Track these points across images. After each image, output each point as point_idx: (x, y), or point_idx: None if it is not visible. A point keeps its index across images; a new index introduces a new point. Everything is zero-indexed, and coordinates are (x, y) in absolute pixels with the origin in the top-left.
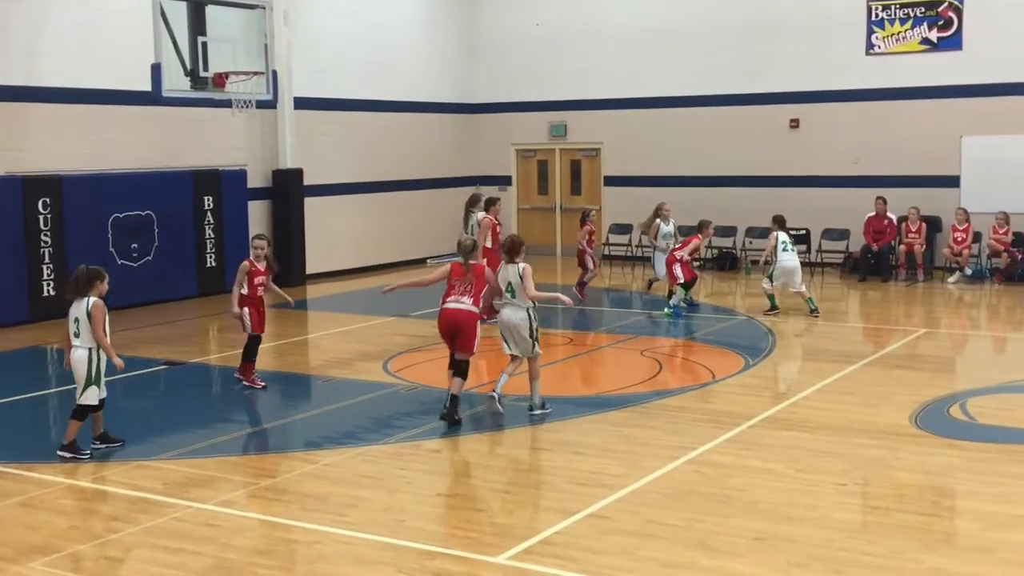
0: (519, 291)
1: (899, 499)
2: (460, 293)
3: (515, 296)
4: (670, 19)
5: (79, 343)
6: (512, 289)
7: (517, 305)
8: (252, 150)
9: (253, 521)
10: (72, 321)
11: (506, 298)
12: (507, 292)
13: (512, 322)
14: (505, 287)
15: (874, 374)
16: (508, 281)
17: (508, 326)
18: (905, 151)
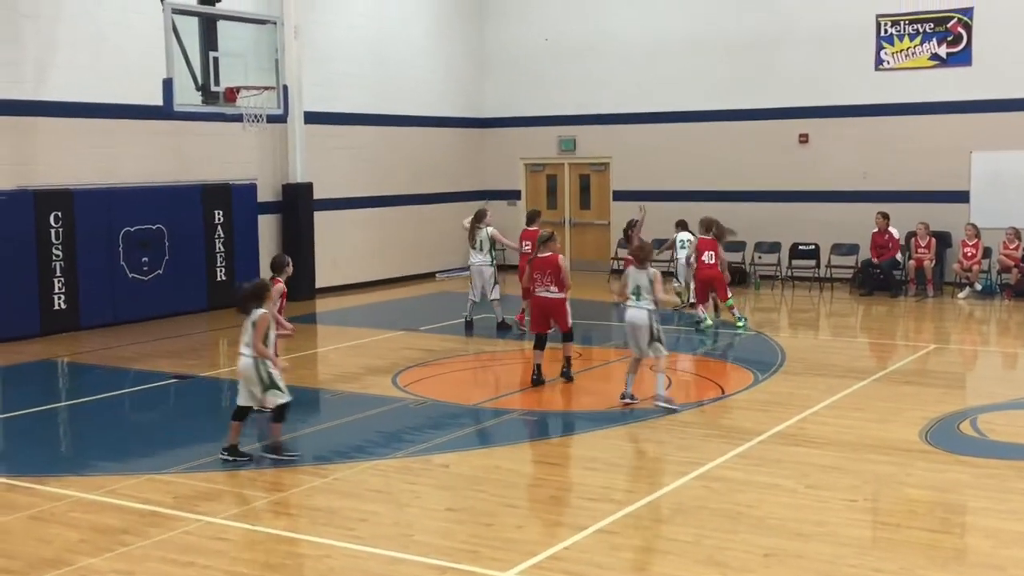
0: (646, 293)
1: (909, 515)
2: (546, 283)
3: (640, 299)
4: (680, 34)
5: (245, 351)
6: (639, 291)
7: (641, 307)
8: (262, 164)
9: (263, 535)
10: (244, 330)
11: (631, 300)
12: (632, 294)
13: (635, 322)
14: (632, 289)
15: (884, 390)
16: (637, 284)
17: (632, 326)
18: (915, 166)
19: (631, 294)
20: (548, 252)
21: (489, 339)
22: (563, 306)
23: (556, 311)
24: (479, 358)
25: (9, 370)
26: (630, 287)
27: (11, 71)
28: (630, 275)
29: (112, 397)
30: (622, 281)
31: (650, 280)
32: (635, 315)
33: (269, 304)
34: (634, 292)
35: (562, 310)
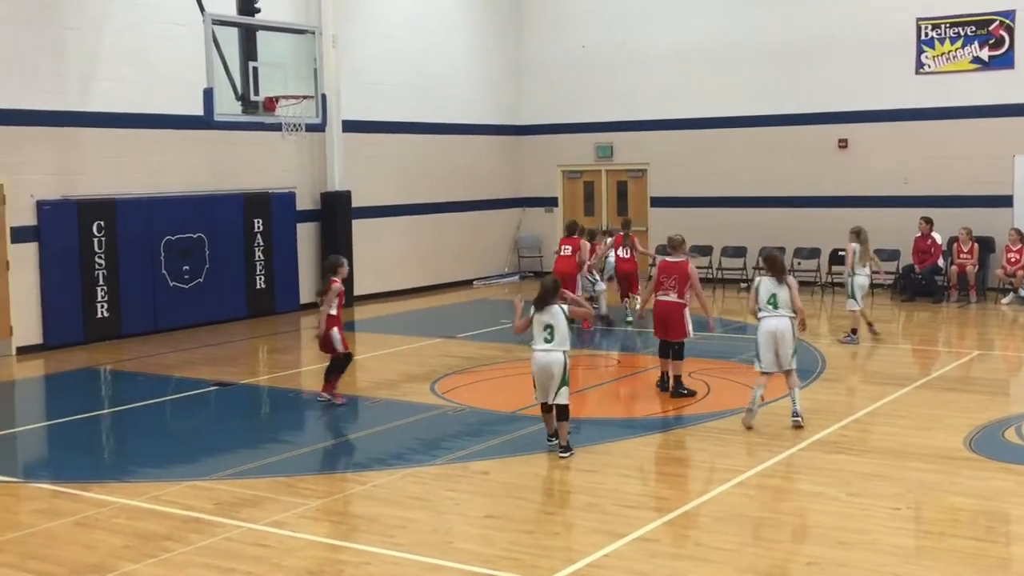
0: (784, 304)
1: (953, 524)
2: (667, 288)
3: (777, 308)
4: (717, 39)
5: (553, 347)
6: (775, 302)
7: (782, 315)
8: (301, 173)
9: (303, 542)
10: (544, 328)
11: (768, 310)
12: (769, 304)
13: (780, 331)
14: (768, 299)
15: (927, 396)
16: (773, 293)
17: (777, 334)
18: (957, 171)
19: (767, 304)
20: (680, 257)
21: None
22: (682, 313)
23: (674, 317)
24: (518, 365)
25: (54, 378)
26: (764, 297)
27: (56, 82)
28: (763, 286)
29: (154, 404)
30: (752, 294)
31: (790, 288)
32: (779, 324)
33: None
34: (770, 302)
35: (681, 316)
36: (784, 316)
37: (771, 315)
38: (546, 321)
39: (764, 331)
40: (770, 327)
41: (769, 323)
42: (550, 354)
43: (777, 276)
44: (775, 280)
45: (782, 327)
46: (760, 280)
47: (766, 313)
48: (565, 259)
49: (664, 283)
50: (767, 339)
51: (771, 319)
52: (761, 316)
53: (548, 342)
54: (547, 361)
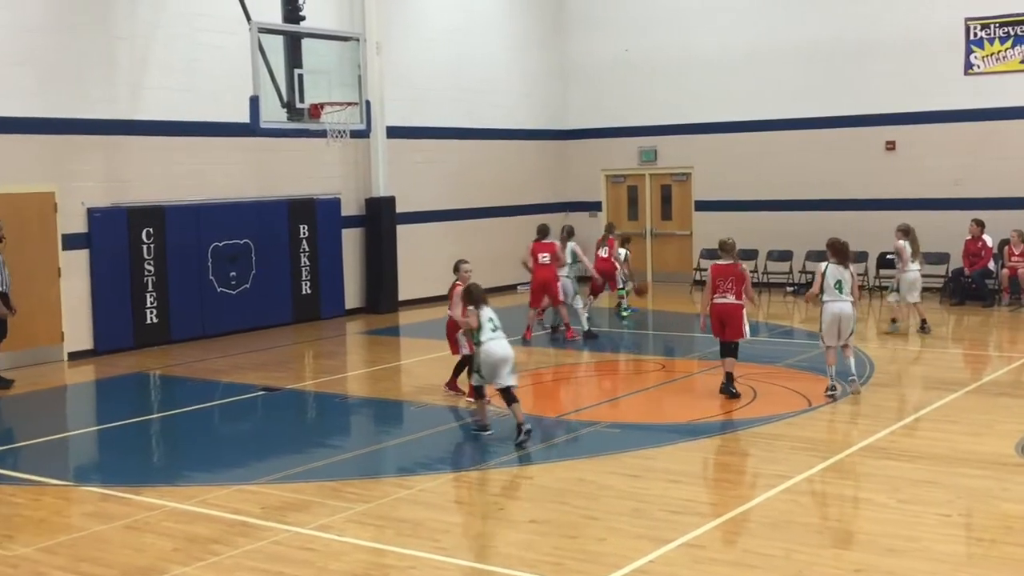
0: (847, 288)
1: (1006, 531)
2: (724, 290)
3: (842, 292)
4: (761, 41)
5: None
6: (840, 286)
7: (846, 299)
8: (346, 179)
9: (349, 546)
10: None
11: (834, 294)
12: (835, 288)
13: (845, 314)
14: (834, 284)
15: (978, 402)
16: (838, 279)
17: (841, 317)
18: (1007, 172)
19: (834, 288)
20: (729, 260)
21: (572, 351)
22: (740, 313)
23: (733, 318)
24: (563, 370)
25: (105, 383)
26: (831, 281)
27: (106, 91)
28: (830, 271)
29: (202, 409)
30: (818, 278)
31: (852, 276)
32: (844, 308)
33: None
34: (837, 287)
35: (739, 317)
36: (847, 301)
37: (836, 300)
38: (489, 315)
39: (829, 314)
40: (835, 310)
41: (834, 307)
42: (504, 341)
43: (843, 262)
44: (841, 266)
45: (846, 311)
46: (827, 266)
47: (831, 297)
48: (543, 267)
49: (720, 286)
50: (832, 321)
51: (836, 303)
52: (826, 300)
53: (494, 331)
54: (505, 348)
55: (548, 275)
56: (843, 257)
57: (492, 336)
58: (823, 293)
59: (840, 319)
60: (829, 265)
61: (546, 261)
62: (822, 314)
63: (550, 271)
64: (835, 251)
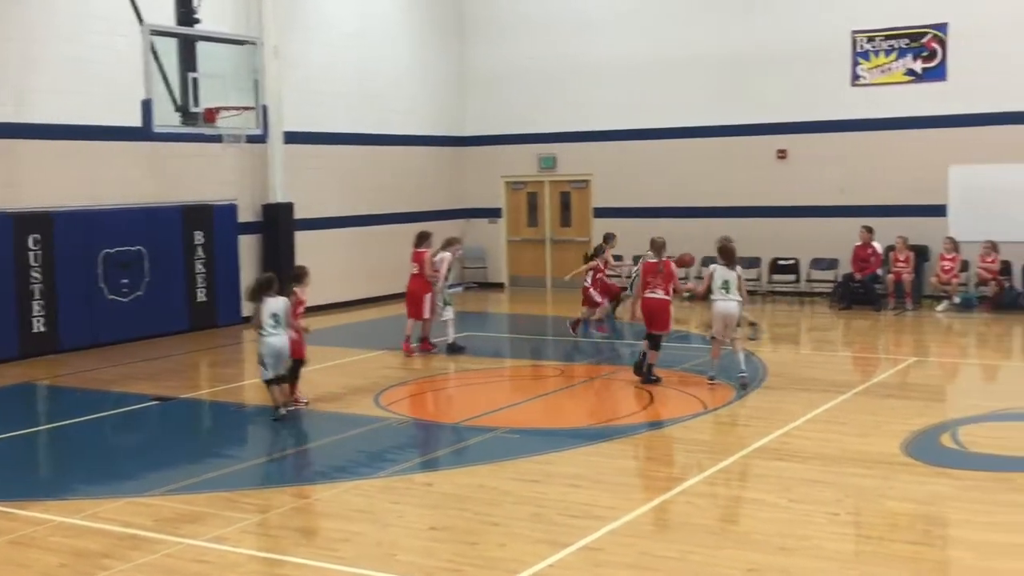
0: (733, 288)
1: (892, 529)
2: (654, 286)
3: (729, 292)
4: (658, 51)
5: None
6: (727, 286)
7: (732, 299)
8: (242, 184)
9: (244, 557)
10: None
11: (720, 294)
12: (721, 288)
13: (729, 312)
14: (721, 284)
15: (865, 403)
16: (725, 279)
17: (727, 315)
18: (892, 181)
19: (720, 288)
20: (658, 258)
21: (473, 357)
22: (667, 308)
23: (661, 312)
24: (461, 376)
25: None
26: (718, 282)
27: None
28: (718, 273)
29: (92, 420)
30: (706, 278)
31: (738, 277)
32: (729, 306)
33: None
34: (723, 287)
35: (666, 312)
36: (733, 300)
37: (722, 299)
38: (272, 310)
39: (716, 312)
40: (720, 309)
41: (720, 305)
42: (281, 337)
43: (730, 264)
44: (728, 268)
45: (731, 309)
46: (715, 267)
47: (717, 296)
48: (412, 277)
49: (650, 282)
50: (718, 318)
51: (721, 302)
52: (713, 299)
53: (275, 327)
54: (280, 344)
55: (413, 286)
56: (730, 259)
57: (271, 332)
58: (711, 293)
59: (726, 317)
60: (717, 267)
61: (414, 271)
62: (712, 311)
63: (416, 282)
64: (722, 253)
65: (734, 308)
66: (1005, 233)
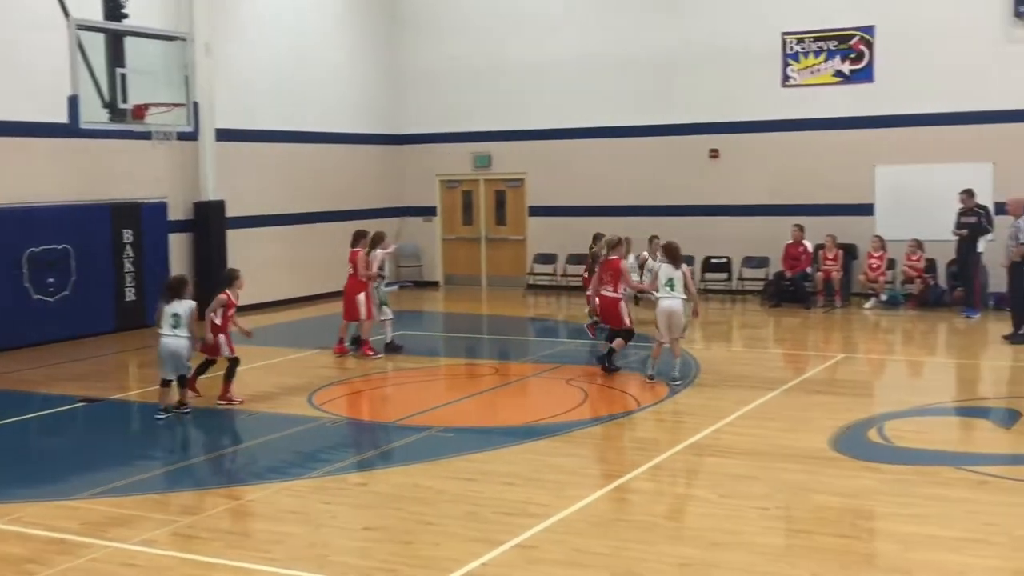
0: (679, 286)
1: (820, 522)
2: (607, 283)
3: (673, 290)
4: (594, 51)
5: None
6: (672, 284)
7: (676, 297)
8: (173, 182)
9: (174, 560)
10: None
11: (665, 291)
12: (666, 286)
13: (673, 309)
14: (666, 282)
15: (795, 399)
16: (670, 278)
17: (669, 313)
18: (822, 180)
19: (664, 286)
20: (615, 256)
21: (409, 356)
22: (617, 305)
23: (611, 309)
24: (396, 375)
25: None
26: (663, 280)
27: None
28: (663, 270)
29: (17, 422)
30: (652, 276)
31: (683, 275)
32: (673, 304)
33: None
34: (668, 284)
35: (616, 309)
36: (677, 298)
37: (666, 297)
38: (173, 311)
39: (660, 310)
40: (664, 307)
41: (663, 303)
42: (178, 339)
43: (674, 263)
44: (673, 266)
45: (675, 307)
46: (660, 266)
47: (662, 294)
48: (349, 277)
49: (604, 279)
50: (661, 316)
51: (665, 300)
52: (658, 297)
53: (175, 328)
54: (176, 345)
55: (347, 286)
56: (674, 258)
57: (168, 333)
58: (657, 290)
59: (669, 314)
60: (663, 265)
61: (350, 270)
62: (656, 309)
63: (350, 282)
64: (667, 252)
65: (678, 306)
66: (929, 231)
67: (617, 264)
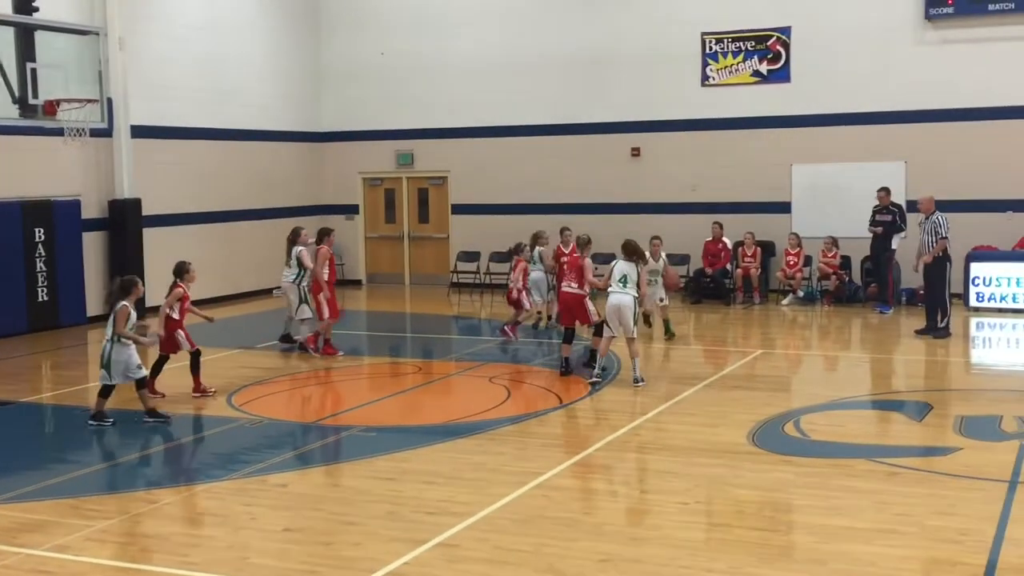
0: (632, 283)
1: (738, 516)
2: (570, 279)
3: (626, 286)
4: (516, 50)
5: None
6: (625, 280)
7: (627, 293)
8: (87, 180)
9: (88, 566)
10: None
11: (617, 287)
12: (619, 282)
13: (623, 305)
14: (620, 278)
15: (714, 395)
16: (624, 274)
17: (619, 308)
18: (740, 179)
19: (618, 282)
20: (578, 252)
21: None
22: (581, 301)
23: (576, 306)
24: (317, 375)
25: None
26: (616, 276)
27: None
28: (618, 267)
29: None
30: (608, 272)
31: (637, 273)
32: (622, 299)
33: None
34: (621, 280)
35: (581, 305)
36: (628, 294)
37: (617, 292)
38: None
39: (610, 304)
40: (613, 301)
41: (612, 298)
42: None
43: (631, 260)
44: (631, 263)
45: (624, 302)
46: (617, 262)
47: (613, 289)
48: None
49: (566, 275)
50: (610, 310)
51: (615, 295)
52: (610, 291)
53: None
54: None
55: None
56: (631, 255)
57: (619, 290)
58: (610, 286)
59: (619, 309)
60: (619, 262)
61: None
62: (606, 304)
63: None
64: (625, 250)
65: (628, 301)
66: (844, 229)
67: (580, 262)
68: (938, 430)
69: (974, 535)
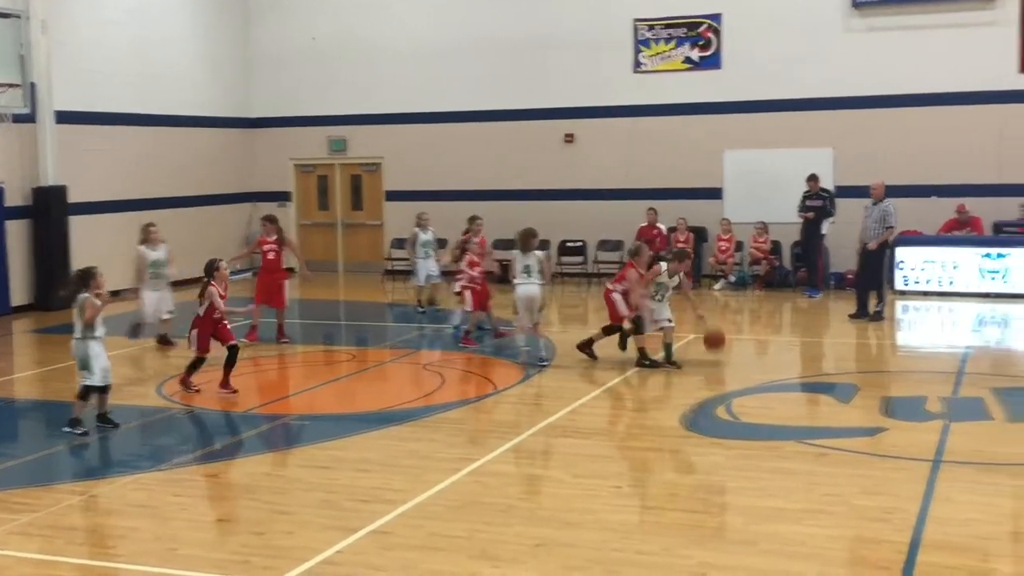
0: (536, 273)
1: (671, 498)
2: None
3: (530, 276)
4: (449, 35)
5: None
6: (528, 270)
7: (534, 282)
8: (9, 166)
9: (12, 559)
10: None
11: (523, 278)
12: (524, 272)
13: (532, 294)
14: (522, 268)
15: (648, 379)
16: (526, 264)
17: (529, 298)
18: (673, 165)
19: (522, 272)
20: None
21: (263, 344)
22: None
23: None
24: (250, 364)
25: None
26: (519, 267)
27: None
28: (518, 258)
29: None
30: (513, 265)
31: (539, 260)
32: (529, 289)
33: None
34: (525, 271)
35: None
36: (533, 283)
37: (523, 282)
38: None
39: (518, 295)
40: (520, 292)
41: (519, 289)
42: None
43: (526, 249)
44: (527, 253)
45: (532, 292)
46: (517, 253)
47: (519, 280)
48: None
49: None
50: (520, 301)
51: (521, 286)
52: (517, 283)
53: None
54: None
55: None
56: (525, 245)
57: (526, 280)
58: (516, 277)
59: (527, 299)
60: (517, 254)
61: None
62: (516, 295)
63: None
64: (519, 240)
65: (535, 291)
66: (774, 214)
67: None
68: (865, 411)
69: (899, 513)
